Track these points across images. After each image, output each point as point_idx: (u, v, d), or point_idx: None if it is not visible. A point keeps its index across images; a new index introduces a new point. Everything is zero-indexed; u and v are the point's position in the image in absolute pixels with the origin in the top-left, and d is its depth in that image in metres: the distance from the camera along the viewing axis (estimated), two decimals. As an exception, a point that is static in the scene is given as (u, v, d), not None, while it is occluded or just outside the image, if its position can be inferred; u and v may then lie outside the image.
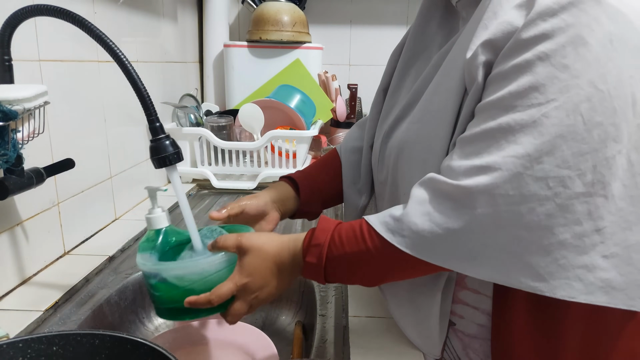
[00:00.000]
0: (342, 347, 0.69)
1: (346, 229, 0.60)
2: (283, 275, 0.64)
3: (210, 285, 0.62)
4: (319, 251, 0.60)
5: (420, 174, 0.59)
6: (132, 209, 1.21)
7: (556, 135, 0.49)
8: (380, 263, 0.58)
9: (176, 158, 0.67)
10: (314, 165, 0.88)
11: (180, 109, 1.45)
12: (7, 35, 0.69)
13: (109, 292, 0.82)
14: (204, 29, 1.78)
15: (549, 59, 0.49)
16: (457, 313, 0.66)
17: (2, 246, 0.77)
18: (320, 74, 1.71)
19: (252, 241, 0.63)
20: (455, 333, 0.67)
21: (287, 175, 0.85)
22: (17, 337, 0.52)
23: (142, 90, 0.65)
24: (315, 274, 0.61)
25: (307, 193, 0.82)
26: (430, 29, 0.71)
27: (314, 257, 0.60)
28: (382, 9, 1.91)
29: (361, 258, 0.59)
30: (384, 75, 0.80)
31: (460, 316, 0.66)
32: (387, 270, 0.59)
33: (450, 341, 0.68)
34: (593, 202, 0.51)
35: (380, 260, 0.58)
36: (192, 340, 0.83)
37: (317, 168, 0.87)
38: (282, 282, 0.64)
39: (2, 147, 0.63)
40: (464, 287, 0.65)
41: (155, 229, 0.68)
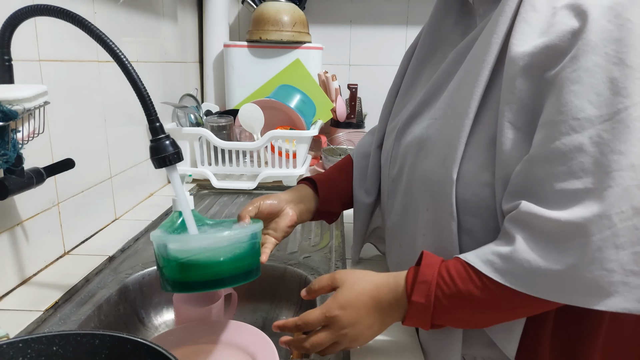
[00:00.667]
0: (342, 347, 0.69)
1: (454, 265, 0.55)
2: (381, 314, 0.58)
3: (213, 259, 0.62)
4: (427, 288, 0.54)
5: (441, 170, 0.58)
6: (132, 209, 1.21)
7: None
8: (494, 304, 0.54)
9: (176, 158, 0.67)
10: (330, 169, 0.89)
11: (180, 109, 1.45)
12: (7, 35, 0.69)
13: (109, 292, 0.82)
14: (204, 29, 1.78)
15: (624, 62, 0.47)
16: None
17: (2, 246, 0.77)
18: (320, 74, 1.71)
19: (347, 274, 0.60)
20: None
21: (305, 178, 0.85)
22: (17, 337, 0.52)
23: (142, 90, 0.65)
24: (422, 315, 0.55)
25: (326, 192, 0.82)
26: (445, 27, 0.71)
27: (422, 297, 0.54)
28: (382, 9, 1.91)
29: (473, 299, 0.53)
30: (396, 76, 0.80)
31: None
32: (501, 311, 0.55)
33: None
34: None
35: (494, 302, 0.53)
36: (192, 340, 0.83)
37: (334, 171, 0.88)
38: (378, 323, 0.58)
39: (2, 147, 0.63)
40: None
41: (178, 210, 0.69)
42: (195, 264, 0.62)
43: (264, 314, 0.94)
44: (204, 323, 0.86)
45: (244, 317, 0.93)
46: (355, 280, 0.58)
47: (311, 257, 0.97)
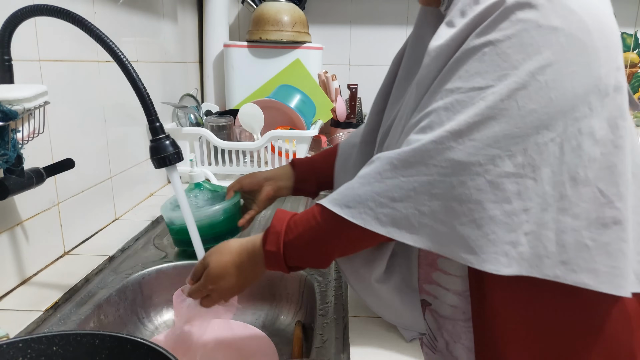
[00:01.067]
0: (342, 347, 0.69)
1: (301, 214, 0.65)
2: (244, 268, 0.69)
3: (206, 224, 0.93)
4: (277, 238, 0.65)
5: None
6: (132, 209, 1.21)
7: (489, 117, 0.53)
8: (329, 236, 0.63)
9: (176, 158, 0.67)
10: (318, 154, 0.97)
11: (180, 109, 1.45)
12: (7, 36, 0.69)
13: (109, 292, 0.82)
14: (204, 29, 1.78)
15: (495, 48, 0.53)
16: (431, 293, 0.69)
17: (2, 246, 0.77)
18: (320, 74, 1.71)
19: (212, 253, 0.71)
20: (430, 313, 0.70)
21: (294, 159, 0.96)
22: (17, 337, 0.52)
23: (142, 90, 0.66)
24: (276, 261, 0.66)
25: (304, 172, 0.93)
26: (427, 36, 0.73)
27: (273, 245, 0.65)
28: (382, 9, 1.91)
29: (313, 236, 0.63)
30: (386, 77, 0.83)
31: (434, 296, 0.69)
32: (336, 242, 0.64)
33: (427, 321, 0.71)
34: (523, 183, 0.55)
35: (330, 233, 0.62)
36: (192, 340, 0.83)
37: (320, 155, 0.96)
38: (243, 276, 0.70)
39: (2, 147, 0.63)
40: (435, 268, 0.68)
41: (194, 182, 1.00)
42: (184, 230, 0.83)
43: (264, 314, 0.94)
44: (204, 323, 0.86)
45: (244, 317, 0.93)
46: (220, 247, 0.71)
47: (311, 257, 0.97)
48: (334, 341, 0.70)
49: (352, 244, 0.65)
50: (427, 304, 0.70)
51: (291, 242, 0.64)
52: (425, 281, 0.70)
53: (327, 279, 0.88)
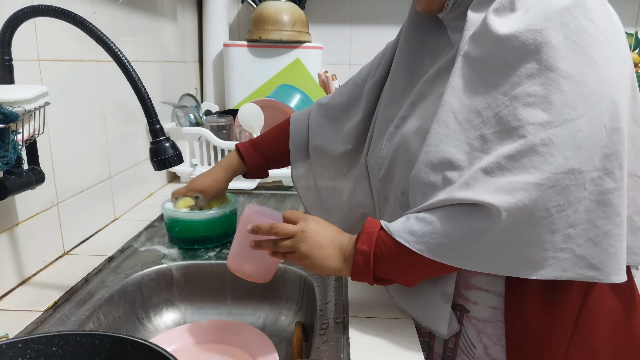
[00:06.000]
0: (342, 347, 0.69)
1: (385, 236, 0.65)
2: (336, 251, 0.68)
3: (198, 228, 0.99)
4: (369, 238, 0.64)
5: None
6: (132, 209, 1.21)
7: (590, 146, 0.56)
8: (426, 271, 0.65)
9: (176, 160, 0.67)
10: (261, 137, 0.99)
11: (180, 108, 1.45)
12: (8, 36, 0.69)
13: (108, 292, 0.82)
14: (204, 28, 1.77)
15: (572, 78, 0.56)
16: (470, 299, 0.70)
17: (2, 246, 0.77)
18: (320, 73, 1.71)
19: (313, 218, 0.70)
20: (469, 320, 0.71)
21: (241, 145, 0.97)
22: (16, 338, 0.52)
23: (142, 92, 0.66)
24: (365, 265, 0.64)
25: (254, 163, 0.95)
26: (419, 36, 0.76)
27: (365, 244, 0.64)
28: (382, 8, 1.91)
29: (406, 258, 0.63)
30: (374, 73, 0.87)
31: (474, 302, 0.70)
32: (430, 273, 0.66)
33: (465, 329, 0.71)
34: (625, 194, 0.59)
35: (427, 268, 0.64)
36: (192, 340, 0.83)
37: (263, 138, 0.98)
38: (332, 259, 0.68)
39: (2, 149, 0.62)
40: (476, 272, 0.68)
41: None
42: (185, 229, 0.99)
43: (264, 314, 0.94)
44: (204, 323, 0.87)
45: (244, 317, 0.93)
46: (318, 225, 0.69)
47: (311, 257, 0.97)
48: (334, 341, 0.70)
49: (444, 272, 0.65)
50: (465, 311, 0.70)
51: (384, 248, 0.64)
52: (465, 287, 0.70)
53: (327, 279, 0.88)
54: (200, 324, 0.87)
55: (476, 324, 0.70)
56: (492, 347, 0.69)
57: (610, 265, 0.59)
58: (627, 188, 0.61)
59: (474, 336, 0.71)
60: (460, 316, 0.71)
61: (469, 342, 0.71)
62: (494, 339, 0.69)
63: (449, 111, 0.61)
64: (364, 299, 0.79)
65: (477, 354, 0.71)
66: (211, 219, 0.99)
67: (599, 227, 0.58)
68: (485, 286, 0.68)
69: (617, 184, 0.58)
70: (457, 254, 0.60)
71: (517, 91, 0.57)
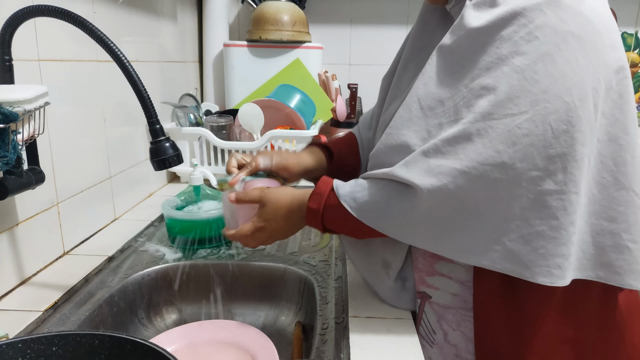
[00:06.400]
0: (342, 347, 0.69)
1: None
2: (293, 216, 0.72)
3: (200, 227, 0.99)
4: (319, 199, 0.68)
5: None
6: (132, 209, 1.21)
7: (528, 144, 0.55)
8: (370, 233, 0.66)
9: (176, 160, 0.67)
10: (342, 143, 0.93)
11: (180, 108, 1.45)
12: (8, 36, 0.69)
13: (108, 292, 0.82)
14: (204, 28, 1.77)
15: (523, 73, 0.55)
16: (432, 285, 0.72)
17: (2, 246, 0.77)
18: (320, 73, 1.71)
19: (270, 195, 0.73)
20: (431, 306, 0.73)
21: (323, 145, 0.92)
22: (16, 338, 0.52)
23: (143, 93, 0.66)
24: (315, 219, 0.69)
25: (333, 172, 0.88)
26: (427, 30, 0.75)
27: (315, 204, 0.68)
28: (382, 8, 1.91)
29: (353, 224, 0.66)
30: (391, 64, 0.85)
31: (436, 288, 0.72)
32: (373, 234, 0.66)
33: (426, 315, 0.73)
34: (567, 198, 0.57)
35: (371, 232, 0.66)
36: (192, 341, 0.83)
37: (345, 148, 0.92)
38: (290, 223, 0.73)
39: (2, 149, 0.62)
40: (439, 258, 0.70)
41: (193, 185, 1.04)
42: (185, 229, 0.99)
43: (264, 314, 0.94)
44: (204, 323, 0.86)
45: (244, 317, 0.93)
46: (276, 199, 0.72)
47: (311, 257, 0.97)
48: (334, 341, 0.70)
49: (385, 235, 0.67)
50: (427, 297, 0.72)
51: (331, 207, 0.67)
52: (428, 273, 0.72)
53: (327, 279, 0.88)
54: (200, 324, 0.87)
55: (437, 310, 0.72)
56: (452, 333, 0.71)
57: (539, 266, 0.58)
58: (619, 202, 0.60)
59: (434, 322, 0.72)
60: (421, 303, 0.73)
61: (429, 328, 0.73)
62: (454, 324, 0.71)
63: (414, 96, 0.63)
64: (364, 299, 0.79)
65: (437, 340, 0.72)
66: (211, 219, 0.99)
67: (533, 226, 0.58)
68: (447, 272, 0.70)
69: (559, 186, 0.57)
70: (390, 226, 0.64)
71: (474, 83, 0.58)
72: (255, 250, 1.00)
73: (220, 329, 0.85)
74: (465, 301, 0.69)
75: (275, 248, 1.02)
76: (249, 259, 0.96)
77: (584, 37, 0.56)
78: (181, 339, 0.83)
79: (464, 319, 0.70)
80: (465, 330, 0.70)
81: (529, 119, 0.55)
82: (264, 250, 1.01)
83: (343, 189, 0.67)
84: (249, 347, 0.81)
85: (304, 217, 0.71)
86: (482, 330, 0.68)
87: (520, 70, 0.55)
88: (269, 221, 0.73)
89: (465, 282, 0.69)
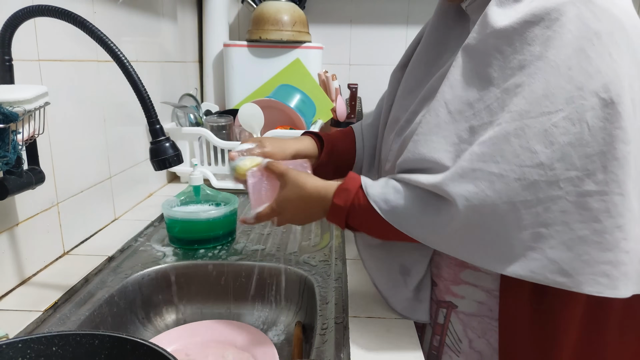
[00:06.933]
0: (342, 347, 0.69)
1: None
2: (310, 211, 0.70)
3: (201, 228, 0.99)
4: (347, 195, 0.65)
5: None
6: (132, 209, 1.21)
7: (565, 143, 0.53)
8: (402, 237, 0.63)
9: (176, 160, 0.67)
10: (336, 134, 0.92)
11: (180, 108, 1.45)
12: (8, 36, 0.69)
13: (108, 292, 0.82)
14: (204, 28, 1.77)
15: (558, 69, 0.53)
16: (458, 294, 0.71)
17: (2, 246, 0.77)
18: (320, 73, 1.71)
19: (292, 178, 0.70)
20: (457, 315, 0.72)
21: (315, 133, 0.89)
22: (16, 338, 0.52)
23: (143, 93, 0.66)
24: (338, 217, 0.67)
25: (327, 154, 0.87)
26: (444, 30, 0.74)
27: (341, 200, 0.66)
28: (382, 8, 1.91)
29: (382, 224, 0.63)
30: (402, 58, 0.83)
31: (461, 297, 0.70)
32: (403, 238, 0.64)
33: (452, 325, 0.72)
34: (610, 200, 0.54)
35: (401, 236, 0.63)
36: (192, 340, 0.83)
37: (338, 136, 0.91)
38: (306, 217, 0.72)
39: (2, 149, 0.62)
40: (465, 266, 0.69)
41: (193, 185, 1.04)
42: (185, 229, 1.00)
43: (264, 314, 0.94)
44: (204, 323, 0.87)
45: (244, 317, 0.93)
46: (300, 184, 0.69)
47: (311, 257, 0.97)
48: (334, 341, 0.70)
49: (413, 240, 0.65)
50: (453, 306, 0.71)
51: (359, 207, 0.65)
52: (453, 282, 0.71)
53: (327, 279, 0.88)
54: (200, 324, 0.87)
55: (463, 318, 0.71)
56: (477, 341, 0.70)
57: (583, 274, 0.55)
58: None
59: (460, 331, 0.72)
60: (447, 312, 0.72)
61: (456, 337, 0.72)
62: (478, 332, 0.70)
63: (441, 100, 0.61)
64: (364, 299, 0.79)
65: (463, 348, 0.72)
66: (211, 219, 0.99)
67: (574, 231, 0.55)
68: (473, 281, 0.69)
69: (600, 187, 0.54)
70: (424, 233, 0.61)
71: (508, 83, 0.56)
72: (255, 251, 1.00)
73: (220, 329, 0.85)
74: (491, 310, 0.68)
75: (275, 248, 1.02)
76: (249, 259, 0.96)
77: (616, 33, 0.54)
78: (181, 339, 0.83)
79: (489, 328, 0.69)
80: (490, 340, 0.69)
81: (565, 117, 0.53)
82: (264, 250, 1.01)
83: (373, 189, 0.64)
84: (249, 347, 0.81)
85: (324, 210, 0.68)
86: (507, 341, 0.66)
87: (555, 66, 0.53)
88: (285, 207, 0.71)
89: (492, 290, 0.67)
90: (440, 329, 0.74)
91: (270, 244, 1.04)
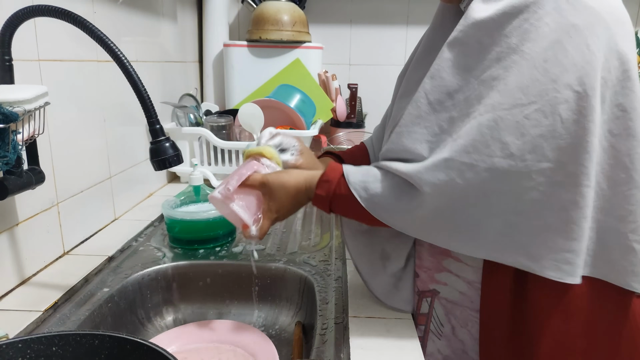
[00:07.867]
0: (342, 347, 0.69)
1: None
2: (298, 203, 0.71)
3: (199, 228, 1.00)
4: (328, 187, 0.67)
5: None
6: (132, 209, 1.21)
7: (537, 135, 0.55)
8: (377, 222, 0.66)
9: (176, 160, 0.67)
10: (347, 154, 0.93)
11: (180, 108, 1.45)
12: (8, 36, 0.69)
13: (108, 292, 0.82)
14: (204, 28, 1.77)
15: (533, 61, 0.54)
16: (441, 281, 0.72)
17: (2, 246, 0.77)
18: (320, 73, 1.71)
19: (275, 183, 0.71)
20: (439, 301, 0.73)
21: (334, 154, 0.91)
22: (16, 338, 0.52)
23: (143, 93, 0.66)
24: (322, 205, 0.69)
25: None
26: (442, 29, 0.74)
27: (323, 191, 0.67)
28: (382, 8, 1.91)
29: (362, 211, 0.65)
30: (406, 63, 0.84)
31: (444, 284, 0.72)
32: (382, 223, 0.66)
33: (435, 311, 0.73)
34: (579, 192, 0.56)
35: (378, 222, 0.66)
36: (192, 340, 0.83)
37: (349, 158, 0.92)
38: (295, 208, 0.73)
39: (2, 149, 0.62)
40: (447, 255, 0.70)
41: (193, 185, 1.04)
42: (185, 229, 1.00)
43: (264, 314, 0.94)
44: (204, 323, 0.87)
45: (244, 317, 0.93)
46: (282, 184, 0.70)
47: (311, 257, 0.97)
48: (333, 341, 0.70)
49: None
50: (436, 293, 0.72)
51: (341, 197, 0.66)
52: (436, 270, 0.72)
53: (327, 279, 0.88)
54: (200, 324, 0.87)
55: (445, 304, 0.72)
56: (459, 329, 0.71)
57: (548, 259, 0.58)
58: (630, 201, 0.59)
59: (442, 315, 0.73)
60: (431, 300, 0.73)
61: (438, 321, 0.73)
62: (461, 321, 0.71)
63: (421, 92, 0.62)
64: (364, 299, 0.79)
65: (445, 332, 0.73)
66: (211, 219, 0.99)
67: (543, 219, 0.57)
68: (454, 270, 0.70)
69: (570, 179, 0.56)
70: (399, 221, 0.64)
71: (485, 75, 0.57)
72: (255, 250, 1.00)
73: (220, 329, 0.85)
74: (472, 301, 0.69)
75: (275, 248, 1.02)
76: (249, 259, 0.96)
77: (595, 26, 0.54)
78: (181, 339, 0.83)
79: (471, 319, 0.70)
80: (472, 331, 0.70)
81: (537, 110, 0.54)
82: (264, 250, 1.01)
83: (354, 176, 0.66)
84: (249, 347, 0.81)
85: (309, 198, 0.70)
86: (487, 332, 0.67)
87: (530, 59, 0.54)
88: (280, 210, 0.72)
89: (473, 282, 0.68)
90: (424, 318, 0.75)
91: (270, 244, 1.04)
